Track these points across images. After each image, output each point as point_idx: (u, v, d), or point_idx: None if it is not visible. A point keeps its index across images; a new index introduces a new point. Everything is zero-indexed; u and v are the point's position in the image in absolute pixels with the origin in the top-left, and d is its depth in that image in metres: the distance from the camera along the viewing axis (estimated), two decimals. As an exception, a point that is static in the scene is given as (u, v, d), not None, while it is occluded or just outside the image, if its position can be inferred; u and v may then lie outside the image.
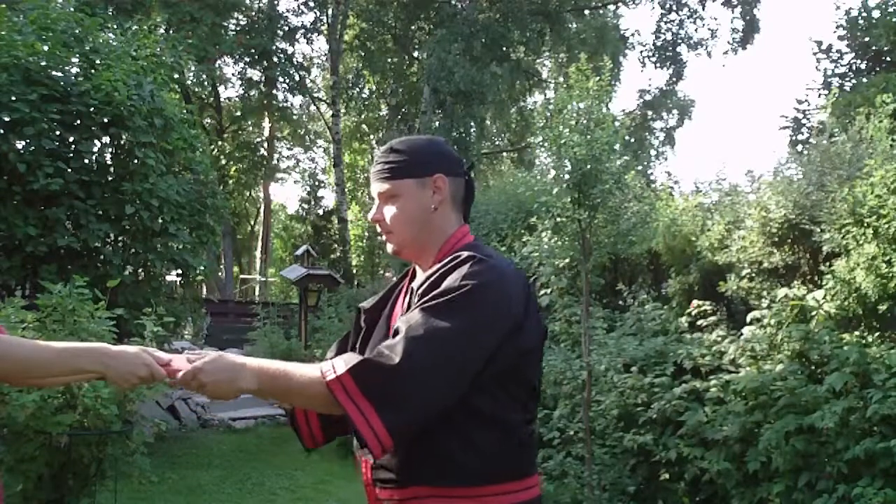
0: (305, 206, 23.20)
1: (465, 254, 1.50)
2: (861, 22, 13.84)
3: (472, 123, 17.92)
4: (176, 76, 8.43)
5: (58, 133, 6.00)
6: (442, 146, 1.67)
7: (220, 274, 20.78)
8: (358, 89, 23.15)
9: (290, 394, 1.47)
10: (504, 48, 18.90)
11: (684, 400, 5.23)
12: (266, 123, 24.75)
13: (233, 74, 21.30)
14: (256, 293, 24.92)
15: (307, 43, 26.33)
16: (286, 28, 19.53)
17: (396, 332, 1.43)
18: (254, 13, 19.69)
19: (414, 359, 1.36)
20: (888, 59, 13.39)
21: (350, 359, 1.41)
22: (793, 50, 72.59)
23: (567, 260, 5.54)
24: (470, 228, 1.67)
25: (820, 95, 14.16)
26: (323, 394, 1.39)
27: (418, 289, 1.50)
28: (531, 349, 1.53)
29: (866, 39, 13.77)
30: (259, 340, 10.73)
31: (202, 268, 7.56)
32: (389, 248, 1.66)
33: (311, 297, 11.19)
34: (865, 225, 4.99)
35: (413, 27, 21.01)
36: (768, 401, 4.64)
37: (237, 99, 22.59)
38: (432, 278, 1.49)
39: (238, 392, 1.44)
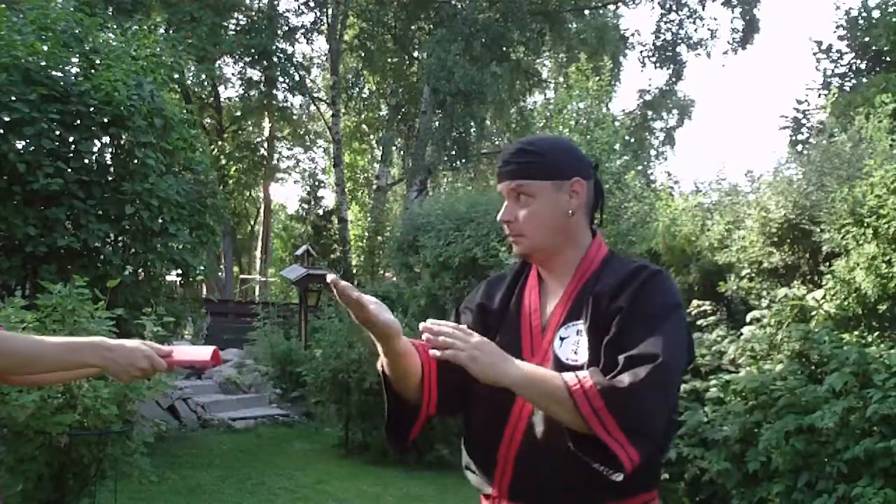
0: (305, 206, 23.18)
1: (649, 267, 1.53)
2: (861, 22, 13.86)
3: (472, 123, 17.91)
4: (176, 76, 8.42)
5: (58, 133, 6.00)
6: (576, 148, 1.64)
7: (220, 274, 20.76)
8: (358, 89, 23.13)
9: (541, 394, 1.40)
10: (504, 48, 18.89)
11: (684, 400, 5.23)
12: (266, 123, 24.73)
13: (233, 74, 21.28)
14: (256, 293, 24.91)
15: (307, 43, 26.41)
16: (286, 28, 19.52)
17: (611, 354, 1.42)
18: (254, 13, 19.68)
19: (654, 384, 1.38)
20: (888, 59, 13.40)
21: (600, 379, 1.39)
22: (793, 50, 72.65)
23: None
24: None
25: (820, 95, 14.18)
26: (569, 405, 1.37)
27: (610, 303, 1.48)
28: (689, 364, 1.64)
29: (866, 39, 13.78)
30: (259, 340, 10.73)
31: (202, 268, 7.55)
32: (517, 250, 1.59)
33: (311, 297, 11.19)
34: (865, 225, 4.99)
35: (413, 27, 21.01)
36: (768, 401, 4.64)
37: (237, 99, 22.55)
38: (628, 295, 1.47)
39: (501, 377, 1.38)
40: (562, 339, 1.51)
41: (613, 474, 1.35)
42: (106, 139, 6.56)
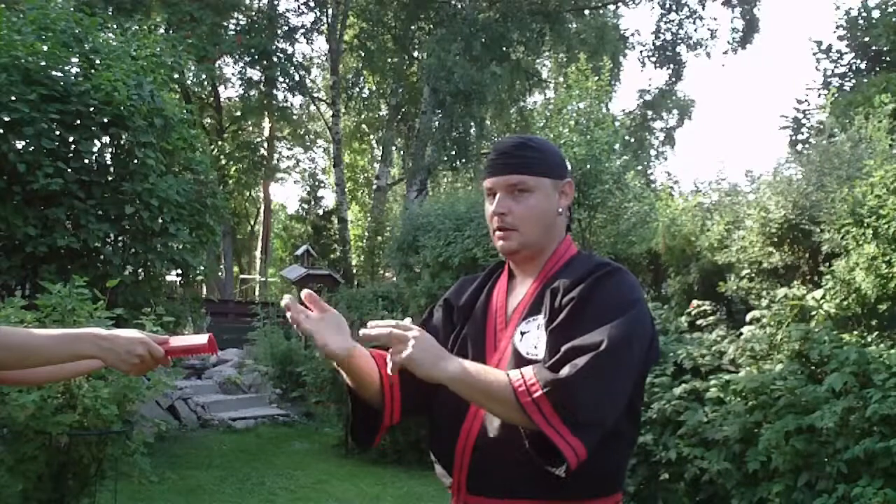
0: (305, 206, 23.21)
1: (610, 264, 1.53)
2: (861, 22, 13.85)
3: (472, 123, 17.90)
4: (176, 76, 8.42)
5: (58, 133, 6.00)
6: (561, 152, 1.69)
7: (220, 274, 20.76)
8: (358, 89, 23.14)
9: (478, 391, 1.40)
10: (504, 48, 18.88)
11: (684, 400, 5.23)
12: (266, 123, 24.73)
13: (233, 74, 21.28)
14: (256, 293, 24.91)
15: (307, 43, 26.43)
16: (286, 28, 19.52)
17: (556, 341, 1.42)
18: (254, 13, 19.68)
19: (595, 373, 1.36)
20: (888, 59, 13.40)
21: (541, 372, 1.39)
22: (793, 50, 72.67)
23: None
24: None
25: (820, 95, 14.16)
26: (511, 401, 1.37)
27: (563, 297, 1.48)
28: (653, 363, 1.61)
29: (866, 39, 13.77)
30: (259, 340, 10.72)
31: (202, 268, 7.56)
32: (507, 245, 1.58)
33: (311, 297, 11.15)
34: (865, 225, 4.99)
35: (413, 27, 20.99)
36: (768, 401, 4.64)
37: (237, 99, 22.56)
38: (581, 289, 1.47)
39: (437, 373, 1.38)
40: (522, 333, 1.53)
41: (559, 469, 1.34)
42: (106, 139, 6.56)
